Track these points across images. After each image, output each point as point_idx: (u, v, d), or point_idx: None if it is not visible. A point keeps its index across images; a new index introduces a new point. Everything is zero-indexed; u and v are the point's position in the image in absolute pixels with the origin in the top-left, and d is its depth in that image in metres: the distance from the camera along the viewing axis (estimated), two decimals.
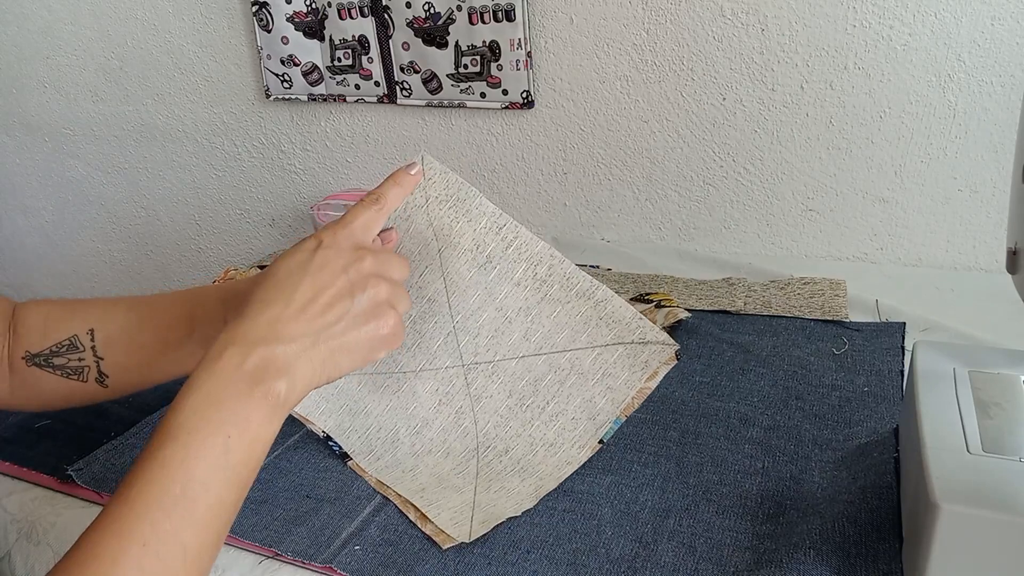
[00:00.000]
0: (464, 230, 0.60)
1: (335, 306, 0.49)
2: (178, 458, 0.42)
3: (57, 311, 0.61)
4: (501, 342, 0.61)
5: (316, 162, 1.44)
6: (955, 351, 0.58)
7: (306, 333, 0.47)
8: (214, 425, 0.43)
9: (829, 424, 0.70)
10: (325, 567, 0.57)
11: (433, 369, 0.62)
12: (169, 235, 1.68)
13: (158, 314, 0.61)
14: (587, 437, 0.62)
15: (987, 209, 1.02)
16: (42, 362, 0.59)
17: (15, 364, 0.60)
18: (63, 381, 0.60)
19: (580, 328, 0.61)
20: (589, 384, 0.61)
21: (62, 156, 1.69)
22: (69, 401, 0.62)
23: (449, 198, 0.60)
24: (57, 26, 1.55)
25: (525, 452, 0.62)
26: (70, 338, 0.60)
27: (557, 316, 0.60)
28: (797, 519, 0.58)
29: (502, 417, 0.62)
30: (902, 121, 1.02)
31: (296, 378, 0.47)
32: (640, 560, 0.56)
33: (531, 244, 0.60)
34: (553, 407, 0.62)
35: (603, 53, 1.14)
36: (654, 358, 0.60)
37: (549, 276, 0.60)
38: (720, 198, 1.16)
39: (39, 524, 0.67)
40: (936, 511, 0.43)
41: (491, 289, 0.61)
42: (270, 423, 0.46)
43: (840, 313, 0.89)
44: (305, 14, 1.29)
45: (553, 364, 0.61)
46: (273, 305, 0.48)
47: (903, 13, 0.97)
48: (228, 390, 0.44)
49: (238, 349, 0.46)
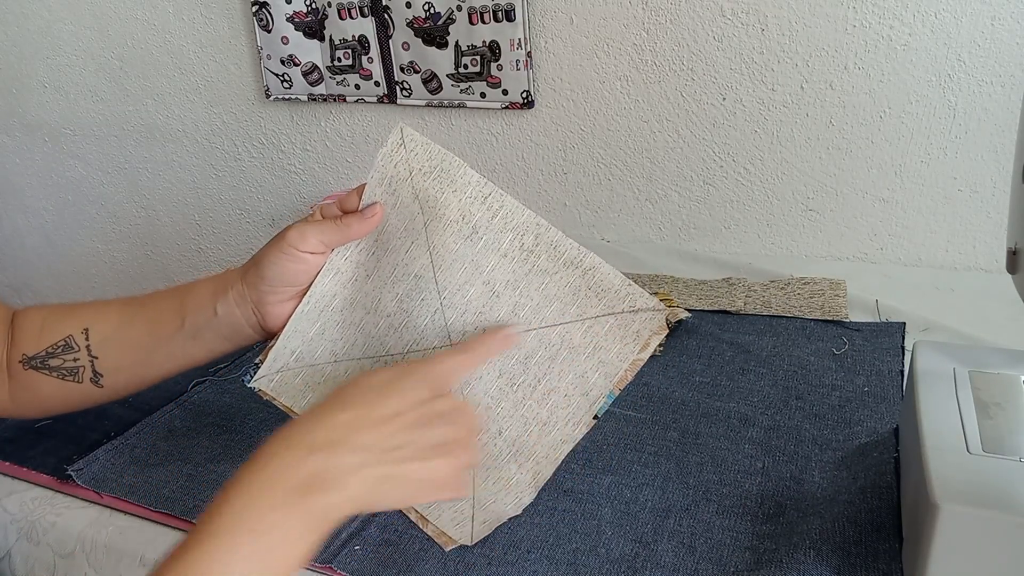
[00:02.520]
0: (449, 200, 0.59)
1: (410, 431, 0.48)
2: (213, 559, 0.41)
3: (53, 314, 0.61)
4: (489, 318, 0.60)
5: (316, 162, 1.44)
6: (955, 351, 0.58)
7: (375, 446, 0.47)
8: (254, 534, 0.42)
9: (829, 424, 0.70)
10: (325, 567, 0.57)
11: (421, 350, 0.60)
12: (169, 235, 1.68)
13: (148, 309, 0.61)
14: (581, 413, 0.60)
15: (987, 209, 1.02)
16: (39, 364, 0.60)
17: (13, 369, 0.60)
18: (59, 384, 0.60)
19: (569, 300, 0.59)
20: (581, 359, 0.60)
21: (62, 156, 1.69)
22: (66, 404, 0.62)
23: (433, 169, 0.59)
24: (57, 26, 1.55)
25: (519, 433, 0.60)
26: (65, 338, 0.60)
27: (546, 288, 0.59)
28: (797, 519, 0.58)
29: (493, 398, 0.60)
30: (902, 121, 1.02)
31: (346, 495, 0.45)
32: (640, 560, 0.56)
33: (517, 213, 0.59)
34: (545, 384, 0.60)
35: (603, 53, 1.14)
36: (645, 327, 0.59)
37: (536, 246, 0.59)
38: (720, 198, 1.16)
39: (39, 524, 0.67)
40: (936, 511, 0.43)
41: (478, 262, 0.59)
42: (309, 536, 0.45)
43: (840, 313, 0.89)
44: (305, 14, 1.29)
45: (543, 340, 0.60)
46: (353, 408, 0.48)
47: (903, 13, 0.97)
48: (275, 498, 0.43)
49: (295, 454, 0.45)
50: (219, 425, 0.75)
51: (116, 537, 0.64)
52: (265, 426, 0.74)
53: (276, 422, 0.75)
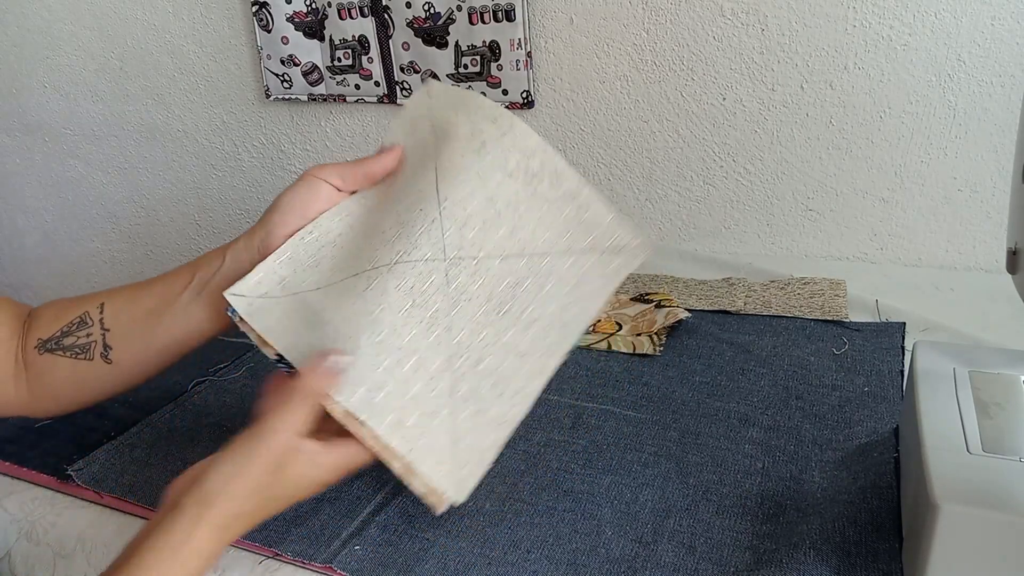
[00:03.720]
0: (460, 121, 0.58)
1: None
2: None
3: (71, 301, 0.63)
4: (488, 237, 0.57)
5: (316, 162, 1.44)
6: (955, 351, 0.58)
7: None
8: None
9: (829, 424, 0.70)
10: (325, 567, 0.57)
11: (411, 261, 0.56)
12: (169, 235, 1.68)
13: (163, 278, 0.63)
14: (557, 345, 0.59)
15: (987, 209, 1.02)
16: (53, 346, 0.60)
17: (29, 357, 0.61)
18: (72, 365, 0.60)
19: (562, 231, 0.58)
20: (564, 291, 0.59)
21: (62, 156, 1.69)
22: (80, 390, 0.62)
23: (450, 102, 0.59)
24: (57, 26, 1.55)
25: (498, 363, 0.57)
26: (80, 315, 0.61)
27: (543, 216, 0.58)
28: (797, 519, 0.58)
29: (478, 324, 0.57)
30: (902, 121, 1.02)
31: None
32: (640, 560, 0.56)
33: (526, 136, 0.58)
34: (529, 313, 0.58)
35: (603, 53, 1.14)
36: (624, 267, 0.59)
37: (540, 170, 0.58)
38: (720, 198, 1.16)
39: (39, 524, 0.67)
40: (936, 511, 0.43)
41: (483, 175, 0.57)
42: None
43: (840, 313, 0.89)
44: (305, 14, 1.29)
45: (533, 268, 0.58)
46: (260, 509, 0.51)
47: (903, 13, 0.97)
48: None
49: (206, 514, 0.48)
50: (219, 425, 0.75)
51: (116, 537, 0.64)
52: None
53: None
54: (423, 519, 0.61)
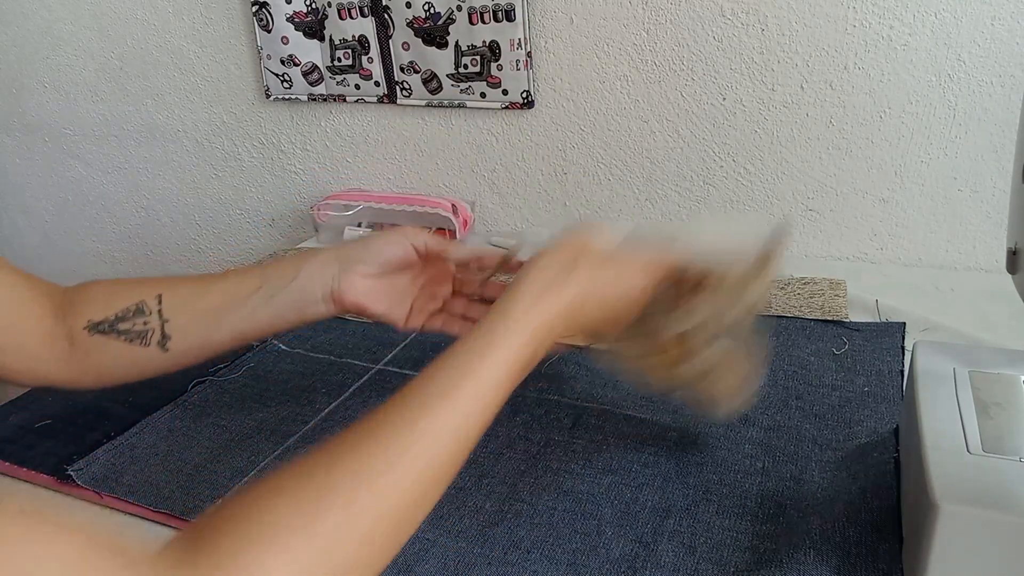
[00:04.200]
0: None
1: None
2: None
3: (122, 284, 0.64)
4: None
5: (316, 162, 1.44)
6: (955, 351, 0.58)
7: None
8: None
9: (829, 424, 0.70)
10: None
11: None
12: (169, 235, 1.68)
13: (226, 279, 0.64)
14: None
15: (987, 209, 1.02)
16: (107, 328, 0.61)
17: (76, 336, 0.61)
18: (125, 348, 0.61)
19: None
20: None
21: (62, 156, 1.69)
22: (128, 372, 0.63)
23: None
24: (57, 26, 1.55)
25: None
26: (138, 303, 0.61)
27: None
28: (797, 519, 0.58)
29: None
30: (902, 121, 1.02)
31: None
32: (640, 560, 0.56)
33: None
34: None
35: (603, 53, 1.14)
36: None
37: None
38: (720, 198, 1.16)
39: None
40: (936, 511, 0.43)
41: None
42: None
43: (840, 313, 0.89)
44: (305, 14, 1.29)
45: None
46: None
47: (903, 13, 0.97)
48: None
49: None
50: (219, 425, 0.75)
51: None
52: (265, 426, 0.74)
53: (276, 423, 0.75)
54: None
